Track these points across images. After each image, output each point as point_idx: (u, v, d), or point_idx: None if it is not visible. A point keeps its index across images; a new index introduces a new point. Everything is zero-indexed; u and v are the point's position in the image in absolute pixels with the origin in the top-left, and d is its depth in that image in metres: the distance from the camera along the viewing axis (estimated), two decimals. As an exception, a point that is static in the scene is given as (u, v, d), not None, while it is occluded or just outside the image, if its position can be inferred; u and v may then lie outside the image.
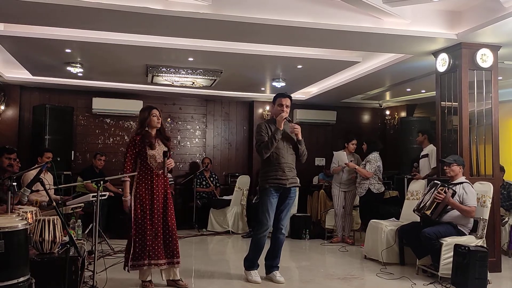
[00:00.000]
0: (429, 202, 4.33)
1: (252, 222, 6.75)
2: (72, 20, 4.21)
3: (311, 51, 5.47)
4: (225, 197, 7.49)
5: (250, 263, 4.19)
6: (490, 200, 4.31)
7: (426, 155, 5.59)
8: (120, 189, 6.51)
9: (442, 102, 4.99)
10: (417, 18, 4.46)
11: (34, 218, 3.10)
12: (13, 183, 2.78)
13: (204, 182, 7.69)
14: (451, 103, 4.86)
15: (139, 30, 4.55)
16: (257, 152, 4.17)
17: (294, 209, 6.95)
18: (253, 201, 6.88)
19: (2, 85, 6.92)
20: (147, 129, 3.89)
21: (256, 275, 4.13)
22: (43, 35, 4.83)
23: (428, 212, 4.28)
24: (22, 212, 3.04)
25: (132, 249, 3.75)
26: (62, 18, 4.15)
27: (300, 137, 4.18)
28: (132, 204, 3.78)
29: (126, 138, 7.87)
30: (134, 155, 3.82)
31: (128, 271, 3.76)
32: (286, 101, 4.19)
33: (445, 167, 4.55)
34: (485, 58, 4.69)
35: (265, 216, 4.06)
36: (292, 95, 7.84)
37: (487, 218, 4.27)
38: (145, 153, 3.81)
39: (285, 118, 4.09)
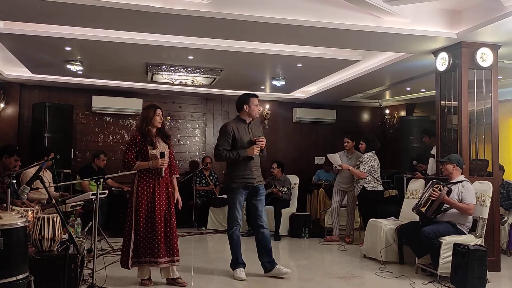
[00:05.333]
0: (424, 199, 4.35)
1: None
2: (72, 18, 4.21)
3: (311, 49, 5.47)
4: (224, 196, 7.47)
5: (234, 263, 4.28)
6: (490, 199, 4.31)
7: (434, 155, 5.58)
8: (123, 186, 6.57)
9: (442, 101, 4.98)
10: (417, 17, 4.46)
11: (34, 216, 3.10)
12: (13, 181, 2.78)
13: (203, 181, 7.69)
14: (451, 102, 4.86)
15: (139, 28, 4.54)
16: (215, 155, 4.29)
17: (293, 208, 6.97)
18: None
19: (2, 83, 6.92)
20: (149, 127, 3.88)
21: (241, 272, 4.19)
22: (43, 32, 4.82)
23: (423, 210, 4.30)
24: (23, 210, 3.04)
25: (132, 246, 3.75)
26: (62, 16, 4.14)
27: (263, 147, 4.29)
28: (134, 202, 3.78)
29: (125, 136, 7.87)
30: (135, 153, 3.82)
31: (128, 268, 3.77)
32: (256, 101, 4.37)
33: (441, 166, 4.56)
34: (485, 57, 4.69)
35: (234, 213, 4.24)
36: (291, 93, 8.03)
37: (486, 217, 4.28)
38: (146, 152, 3.82)
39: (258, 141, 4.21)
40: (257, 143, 4.19)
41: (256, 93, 4.49)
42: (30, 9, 3.95)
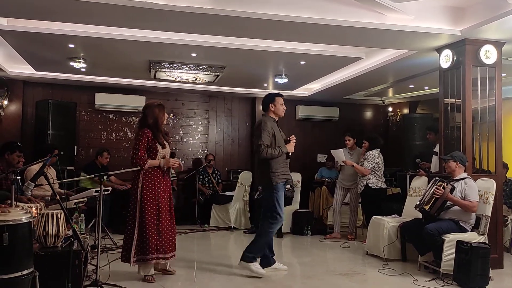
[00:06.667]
0: (428, 197, 4.35)
1: (255, 218, 6.76)
2: (76, 15, 4.21)
3: (314, 47, 5.46)
4: (227, 193, 7.50)
5: (255, 256, 4.22)
6: (493, 197, 4.31)
7: (437, 153, 5.57)
8: (128, 183, 6.60)
9: (445, 99, 4.97)
10: (421, 14, 4.44)
11: (38, 212, 3.11)
12: (17, 177, 2.80)
13: (206, 178, 7.70)
14: (454, 99, 4.84)
15: (143, 25, 4.55)
16: (259, 151, 4.13)
17: (296, 205, 6.97)
18: (255, 197, 6.89)
19: (5, 80, 6.93)
20: (159, 126, 3.93)
21: (259, 267, 4.19)
22: (47, 30, 4.83)
23: (427, 207, 4.30)
24: (27, 206, 3.06)
25: (136, 242, 3.78)
26: (66, 13, 4.15)
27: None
28: (139, 199, 3.81)
29: (128, 133, 7.89)
30: (146, 149, 3.84)
31: (130, 263, 3.80)
32: (281, 100, 4.41)
33: (444, 164, 4.56)
34: (489, 55, 4.68)
35: (281, 210, 4.22)
36: (294, 91, 8.02)
37: (489, 214, 4.27)
38: (156, 151, 3.85)
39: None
40: (292, 140, 4.30)
41: (280, 92, 4.49)
42: (33, 6, 3.96)
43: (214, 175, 7.80)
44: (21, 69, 6.73)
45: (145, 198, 3.78)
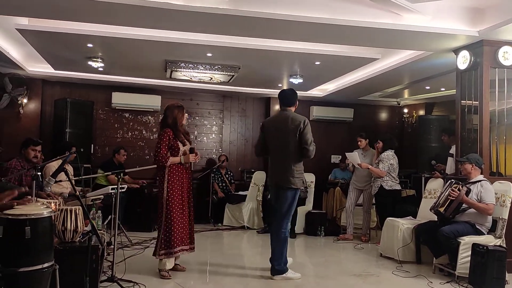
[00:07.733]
0: (443, 199, 4.31)
1: (268, 218, 6.78)
2: (94, 15, 4.29)
3: (329, 47, 5.45)
4: (240, 193, 7.53)
5: (285, 264, 4.17)
6: (510, 199, 4.24)
7: (453, 155, 5.53)
8: (141, 181, 6.71)
9: (462, 101, 4.92)
10: (438, 14, 4.41)
11: (57, 207, 3.18)
12: (38, 173, 2.86)
13: (220, 179, 7.74)
14: (471, 101, 4.79)
15: (160, 25, 4.61)
16: (311, 149, 4.11)
17: (309, 206, 6.97)
18: (268, 197, 6.89)
19: (25, 79, 7.08)
20: (179, 126, 4.10)
21: (293, 271, 4.19)
22: (66, 29, 4.93)
23: (442, 209, 4.27)
24: (47, 202, 3.12)
25: (163, 237, 3.92)
26: (85, 13, 4.23)
27: None
28: (165, 195, 3.94)
29: (144, 132, 7.98)
30: (168, 147, 4.00)
31: (157, 257, 3.95)
32: None
33: (459, 166, 4.53)
34: (507, 56, 4.62)
35: (293, 213, 4.27)
36: (309, 92, 8.03)
37: (506, 217, 4.22)
38: (177, 148, 4.02)
39: None
40: None
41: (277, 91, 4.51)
42: (53, 6, 4.04)
43: (227, 175, 7.83)
44: (41, 68, 6.86)
45: (171, 193, 3.95)
